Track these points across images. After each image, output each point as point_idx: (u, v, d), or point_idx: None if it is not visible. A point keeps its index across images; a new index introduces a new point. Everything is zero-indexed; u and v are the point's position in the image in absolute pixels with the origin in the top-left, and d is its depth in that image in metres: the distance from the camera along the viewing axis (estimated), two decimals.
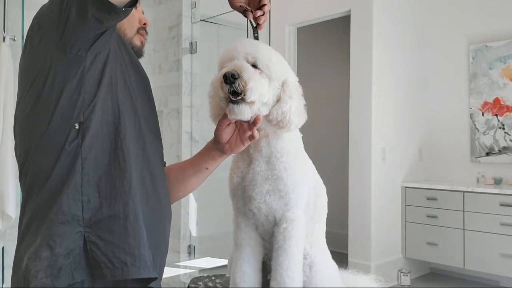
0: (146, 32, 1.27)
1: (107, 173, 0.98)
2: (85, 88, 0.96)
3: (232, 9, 1.14)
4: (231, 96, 1.01)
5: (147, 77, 1.21)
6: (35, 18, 1.02)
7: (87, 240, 0.95)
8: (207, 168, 1.24)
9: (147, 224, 1.03)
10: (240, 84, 0.99)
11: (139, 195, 1.02)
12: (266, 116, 1.07)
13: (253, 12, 1.12)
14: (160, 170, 1.16)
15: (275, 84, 1.06)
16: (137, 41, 1.22)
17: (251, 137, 1.08)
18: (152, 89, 1.23)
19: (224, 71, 1.00)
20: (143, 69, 1.20)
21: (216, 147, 1.18)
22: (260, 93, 1.02)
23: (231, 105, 1.02)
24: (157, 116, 1.21)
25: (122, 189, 0.98)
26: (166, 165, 1.32)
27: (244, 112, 1.02)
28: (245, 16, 1.12)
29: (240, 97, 1.00)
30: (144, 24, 1.25)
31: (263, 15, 1.11)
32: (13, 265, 1.01)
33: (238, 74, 0.99)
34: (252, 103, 1.01)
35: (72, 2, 0.88)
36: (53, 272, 0.92)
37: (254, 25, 1.14)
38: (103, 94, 0.99)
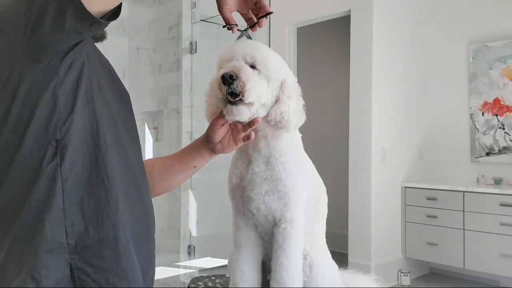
0: None
1: (90, 194, 0.90)
2: (60, 102, 0.86)
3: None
4: (229, 97, 1.00)
5: (114, 70, 1.08)
6: None
7: (74, 268, 0.87)
8: (194, 166, 1.20)
9: (136, 239, 0.98)
10: (238, 85, 0.98)
11: (126, 213, 0.95)
12: (265, 117, 1.06)
13: (248, 12, 1.08)
14: (142, 176, 1.09)
15: (273, 85, 1.05)
16: None
17: (246, 138, 1.07)
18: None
19: (222, 72, 0.99)
20: (109, 62, 1.07)
21: (206, 145, 1.15)
22: (258, 94, 1.01)
23: (229, 106, 1.01)
24: (133, 114, 1.10)
25: (108, 209, 0.91)
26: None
27: (243, 113, 1.01)
28: (229, 30, 1.06)
29: (238, 98, 1.00)
30: None
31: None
32: None
33: (236, 75, 0.98)
34: (250, 104, 1.01)
35: (45, 10, 0.77)
36: None
37: (246, 27, 1.10)
38: (81, 107, 0.89)
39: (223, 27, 1.07)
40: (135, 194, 1.01)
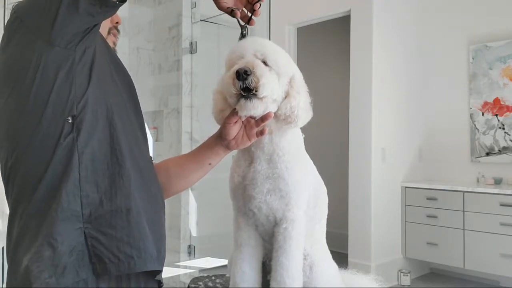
0: (118, 31, 1.22)
1: (105, 168, 0.97)
2: (76, 82, 0.94)
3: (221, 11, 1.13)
4: (242, 92, 1.01)
5: (128, 73, 1.18)
6: (13, 12, 0.97)
7: (88, 236, 0.93)
8: (210, 164, 1.23)
9: (148, 218, 1.03)
10: (253, 80, 1.00)
11: (138, 189, 1.01)
12: (274, 112, 1.07)
13: (242, 10, 1.12)
14: (148, 163, 1.14)
15: (283, 80, 1.07)
16: (109, 43, 1.17)
17: (260, 133, 1.09)
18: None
19: (236, 67, 1.01)
20: (123, 64, 1.17)
21: (220, 143, 1.17)
22: (272, 89, 1.02)
23: (242, 100, 1.02)
24: (141, 111, 1.18)
25: (122, 184, 0.97)
26: (158, 160, 1.29)
27: (257, 107, 1.02)
28: (233, 16, 1.12)
29: (251, 93, 1.01)
30: (117, 22, 1.20)
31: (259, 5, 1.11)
32: (8, 271, 0.97)
33: (251, 71, 0.99)
34: (264, 98, 1.02)
35: None
36: (58, 271, 0.90)
37: (242, 23, 1.14)
38: (94, 88, 0.97)
39: (231, 11, 1.12)
40: (140, 176, 1.06)
